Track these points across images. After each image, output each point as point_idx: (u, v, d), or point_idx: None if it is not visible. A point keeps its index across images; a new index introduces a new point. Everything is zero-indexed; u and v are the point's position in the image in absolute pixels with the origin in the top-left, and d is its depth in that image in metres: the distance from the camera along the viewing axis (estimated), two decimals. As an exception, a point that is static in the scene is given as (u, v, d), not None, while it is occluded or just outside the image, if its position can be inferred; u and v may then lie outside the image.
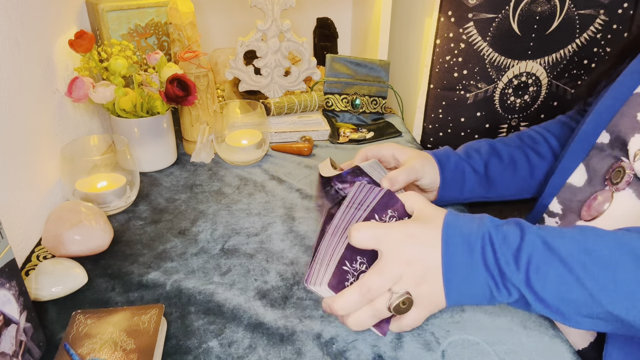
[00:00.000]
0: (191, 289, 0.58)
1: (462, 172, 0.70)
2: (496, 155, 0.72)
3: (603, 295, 0.41)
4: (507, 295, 0.45)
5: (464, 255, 0.46)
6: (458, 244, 0.46)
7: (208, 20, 1.27)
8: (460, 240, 0.46)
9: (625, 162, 0.56)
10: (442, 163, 0.70)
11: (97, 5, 0.89)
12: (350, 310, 0.47)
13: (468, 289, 0.46)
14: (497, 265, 0.44)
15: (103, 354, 0.45)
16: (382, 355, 0.50)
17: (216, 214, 0.74)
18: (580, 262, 0.42)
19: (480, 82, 0.94)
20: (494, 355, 0.50)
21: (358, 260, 0.50)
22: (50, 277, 0.57)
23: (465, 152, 0.73)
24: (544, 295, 0.43)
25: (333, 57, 1.04)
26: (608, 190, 0.57)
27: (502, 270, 0.44)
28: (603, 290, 0.41)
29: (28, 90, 0.68)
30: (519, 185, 0.73)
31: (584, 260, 0.42)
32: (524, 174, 0.73)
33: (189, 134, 0.90)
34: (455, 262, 0.46)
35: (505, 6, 0.87)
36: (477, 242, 0.46)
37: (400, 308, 0.46)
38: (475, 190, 0.72)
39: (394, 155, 0.69)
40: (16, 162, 0.64)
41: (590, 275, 0.42)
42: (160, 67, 0.84)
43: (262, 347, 0.51)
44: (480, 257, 0.45)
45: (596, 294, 0.41)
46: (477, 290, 0.46)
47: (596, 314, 0.42)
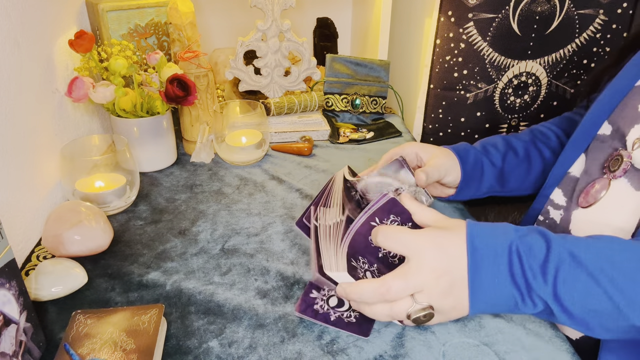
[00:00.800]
0: (191, 289, 0.58)
1: (481, 167, 0.71)
2: (512, 150, 0.73)
3: (630, 310, 0.41)
4: (532, 306, 0.45)
5: (491, 266, 0.46)
6: (484, 255, 0.46)
7: (208, 20, 1.27)
8: (487, 252, 0.46)
9: (624, 152, 0.57)
10: (463, 158, 0.70)
11: (97, 5, 0.89)
12: (364, 299, 0.48)
13: (493, 299, 0.46)
14: (524, 277, 0.44)
15: (103, 354, 0.45)
16: (382, 355, 0.50)
17: (216, 214, 0.74)
18: (608, 275, 0.42)
19: (480, 82, 0.94)
20: (494, 356, 0.50)
21: (360, 260, 0.51)
22: (50, 277, 0.57)
23: (483, 147, 0.73)
24: (571, 308, 0.43)
25: (333, 57, 1.04)
26: (606, 178, 0.58)
27: (528, 282, 0.44)
28: (631, 304, 0.41)
29: (28, 90, 0.68)
30: (532, 180, 0.74)
31: (611, 274, 0.42)
32: (537, 169, 0.73)
33: (189, 134, 0.90)
34: (481, 274, 0.46)
35: (505, 6, 0.87)
36: (503, 254, 0.45)
37: (420, 320, 0.47)
38: (492, 185, 0.72)
39: (417, 154, 0.70)
40: (16, 162, 0.64)
41: (618, 289, 0.42)
42: (160, 67, 0.83)
43: (262, 347, 0.51)
44: (507, 269, 0.45)
45: (623, 308, 0.41)
46: (502, 300, 0.46)
47: (622, 328, 0.43)
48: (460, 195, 0.72)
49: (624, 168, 0.56)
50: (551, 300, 0.44)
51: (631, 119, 0.57)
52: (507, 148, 0.73)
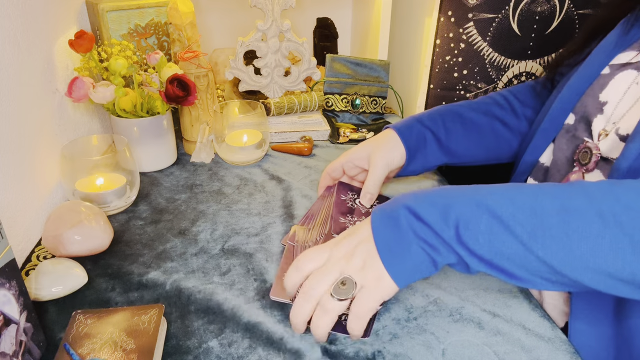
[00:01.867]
0: (191, 288, 0.58)
1: (424, 140, 0.71)
2: (459, 120, 0.73)
3: (533, 242, 0.41)
4: (447, 254, 0.45)
5: (393, 231, 0.46)
6: (384, 224, 0.47)
7: (208, 20, 1.27)
8: (386, 220, 0.47)
9: (591, 143, 0.57)
10: (405, 135, 0.70)
11: (97, 5, 0.89)
12: (304, 317, 0.48)
13: (409, 262, 0.45)
14: (427, 227, 0.44)
15: (103, 354, 0.45)
16: (381, 354, 0.50)
17: (216, 214, 0.74)
18: (508, 212, 0.42)
19: (480, 82, 0.94)
20: (494, 355, 0.50)
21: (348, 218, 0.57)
22: (50, 277, 0.57)
23: (430, 118, 0.73)
24: (479, 252, 0.43)
25: (333, 57, 1.04)
26: (579, 171, 0.58)
27: (433, 230, 0.44)
28: (532, 236, 0.41)
29: (28, 90, 0.68)
30: (483, 150, 0.74)
31: (511, 210, 0.42)
32: (488, 140, 0.73)
33: (189, 134, 0.90)
34: (386, 241, 0.46)
35: (505, 6, 0.87)
36: (400, 216, 0.46)
37: (340, 289, 0.46)
38: (438, 156, 0.72)
39: (356, 165, 0.71)
40: (16, 162, 0.64)
41: (519, 223, 0.41)
42: (160, 67, 0.84)
43: (262, 347, 0.51)
44: (407, 227, 0.45)
45: (526, 241, 0.41)
46: (417, 259, 0.45)
47: (533, 266, 0.42)
48: (408, 169, 0.71)
49: (595, 161, 0.56)
50: (456, 245, 0.43)
51: (594, 108, 0.58)
52: (454, 118, 0.73)
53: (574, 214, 0.40)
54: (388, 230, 0.46)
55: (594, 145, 0.56)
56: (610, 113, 0.56)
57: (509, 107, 0.75)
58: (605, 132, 0.56)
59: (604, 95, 0.57)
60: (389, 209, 0.47)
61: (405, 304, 0.57)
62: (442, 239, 0.44)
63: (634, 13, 0.58)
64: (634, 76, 0.55)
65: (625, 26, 0.59)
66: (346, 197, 0.68)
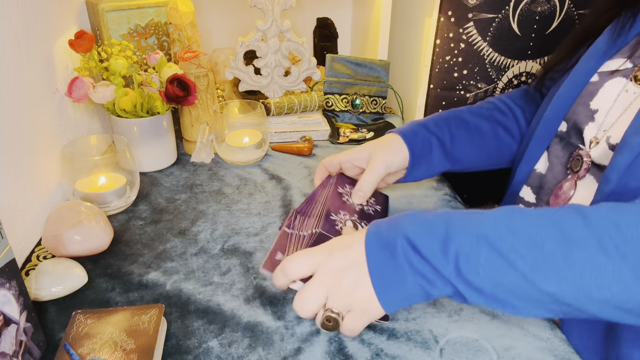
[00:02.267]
0: (191, 288, 0.58)
1: (429, 146, 0.69)
2: (464, 126, 0.72)
3: (535, 274, 0.40)
4: (444, 288, 0.44)
5: (388, 261, 0.45)
6: (380, 252, 0.45)
7: (208, 20, 1.27)
8: (382, 248, 0.45)
9: (582, 150, 0.57)
10: (410, 141, 0.68)
11: (97, 5, 0.89)
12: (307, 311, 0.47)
13: (402, 292, 0.44)
14: (425, 262, 0.43)
15: (103, 354, 0.45)
16: (380, 354, 0.50)
17: (216, 214, 0.74)
18: (508, 244, 0.41)
19: (480, 82, 0.94)
20: (493, 352, 0.50)
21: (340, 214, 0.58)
22: (50, 277, 0.57)
23: (435, 123, 0.72)
24: (479, 284, 0.42)
25: (333, 57, 1.04)
26: (572, 179, 0.58)
27: (431, 265, 0.43)
28: (534, 269, 0.40)
29: (28, 90, 0.68)
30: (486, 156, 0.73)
31: (511, 242, 0.41)
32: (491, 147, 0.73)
33: (189, 134, 0.90)
34: (380, 270, 0.45)
35: (505, 6, 0.87)
36: (396, 246, 0.44)
37: (326, 325, 0.46)
38: (442, 163, 0.71)
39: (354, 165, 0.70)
40: (16, 162, 0.64)
41: (519, 255, 0.40)
42: (160, 67, 0.84)
43: (262, 347, 0.51)
44: (404, 259, 0.44)
45: (528, 274, 0.40)
46: (411, 291, 0.44)
47: (534, 297, 0.41)
48: (411, 175, 0.70)
49: (586, 168, 0.56)
50: (455, 279, 0.42)
51: (585, 116, 0.58)
52: (458, 124, 0.72)
53: (576, 245, 0.39)
54: (383, 259, 0.45)
55: (585, 153, 0.57)
56: (601, 121, 0.56)
57: (510, 113, 0.74)
58: (597, 140, 0.56)
59: (594, 103, 0.57)
60: (386, 235, 0.46)
61: (404, 304, 0.57)
62: (441, 273, 0.43)
63: (619, 20, 0.58)
64: (623, 84, 0.55)
65: (612, 34, 0.59)
66: (343, 190, 0.67)
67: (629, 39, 0.58)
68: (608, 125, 0.55)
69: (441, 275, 0.43)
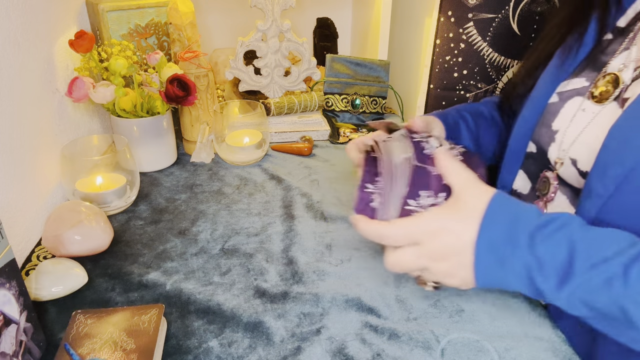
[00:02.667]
0: (191, 289, 0.58)
1: (458, 129, 0.71)
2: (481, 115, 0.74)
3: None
4: (542, 298, 0.45)
5: (499, 272, 0.45)
6: (493, 266, 0.45)
7: (208, 20, 1.27)
8: (497, 264, 0.45)
9: (549, 173, 0.58)
10: (442, 116, 0.70)
11: (97, 5, 0.89)
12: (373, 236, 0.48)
13: (500, 284, 0.46)
14: (536, 292, 0.44)
15: (103, 354, 0.45)
16: (380, 354, 0.50)
17: (216, 214, 0.74)
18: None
19: (480, 82, 0.94)
20: (494, 352, 0.50)
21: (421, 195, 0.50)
22: (50, 277, 0.57)
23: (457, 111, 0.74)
24: (579, 313, 0.43)
25: (333, 57, 1.04)
26: (540, 201, 0.59)
27: (541, 293, 0.44)
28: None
29: (28, 90, 0.68)
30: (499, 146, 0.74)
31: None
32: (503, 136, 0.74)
33: (189, 134, 0.90)
34: (489, 280, 0.46)
35: (505, 6, 0.87)
36: (515, 265, 0.45)
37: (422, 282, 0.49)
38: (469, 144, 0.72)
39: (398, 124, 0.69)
40: (16, 162, 0.64)
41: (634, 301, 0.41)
42: (160, 67, 0.84)
43: (262, 347, 0.51)
44: (521, 275, 0.44)
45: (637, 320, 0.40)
46: (510, 286, 0.46)
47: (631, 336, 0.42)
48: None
49: (554, 190, 0.57)
50: (564, 303, 0.43)
51: (548, 137, 0.59)
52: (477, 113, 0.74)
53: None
54: (494, 271, 0.46)
55: (552, 175, 0.57)
56: (561, 140, 0.57)
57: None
58: (561, 161, 0.56)
59: (555, 124, 0.58)
60: (502, 252, 0.45)
61: (405, 304, 0.57)
62: (551, 297, 0.44)
63: (567, 43, 0.60)
64: (579, 102, 0.56)
65: (562, 55, 0.60)
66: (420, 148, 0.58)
67: (579, 60, 0.59)
68: (567, 145, 0.56)
69: (549, 296, 0.44)
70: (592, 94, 0.55)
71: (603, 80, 0.54)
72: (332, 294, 0.58)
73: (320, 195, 0.79)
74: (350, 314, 0.55)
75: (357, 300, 0.57)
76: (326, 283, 0.60)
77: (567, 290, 0.42)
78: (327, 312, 0.55)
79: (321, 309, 0.56)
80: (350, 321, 0.54)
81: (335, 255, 0.65)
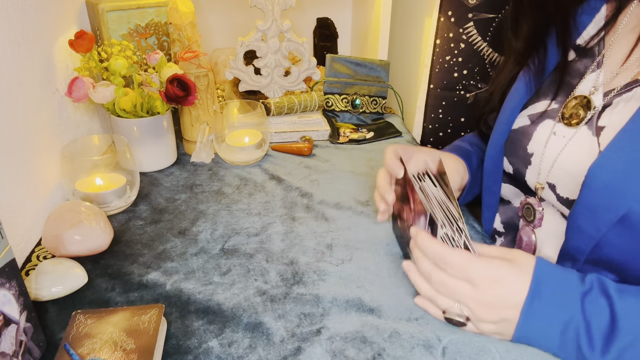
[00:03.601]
0: (191, 289, 0.58)
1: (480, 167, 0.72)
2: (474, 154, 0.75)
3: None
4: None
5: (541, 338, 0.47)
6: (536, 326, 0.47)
7: (208, 20, 1.27)
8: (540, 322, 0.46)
9: (532, 199, 0.58)
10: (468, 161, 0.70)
11: (97, 5, 0.89)
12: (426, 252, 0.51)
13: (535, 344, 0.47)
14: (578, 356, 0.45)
15: (103, 354, 0.45)
16: (381, 354, 0.50)
17: (216, 214, 0.74)
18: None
19: (480, 82, 0.94)
20: (495, 352, 0.50)
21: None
22: (50, 277, 0.57)
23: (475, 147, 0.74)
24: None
25: (333, 57, 1.04)
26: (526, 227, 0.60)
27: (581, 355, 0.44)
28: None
29: (28, 90, 0.68)
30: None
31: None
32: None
33: (189, 134, 0.90)
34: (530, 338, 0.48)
35: (505, 6, 0.87)
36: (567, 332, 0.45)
37: (453, 320, 0.50)
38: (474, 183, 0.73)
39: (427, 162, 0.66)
40: (16, 162, 0.64)
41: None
42: (160, 67, 0.84)
43: (262, 347, 0.51)
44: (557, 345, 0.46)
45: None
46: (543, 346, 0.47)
47: None
48: (467, 197, 0.72)
49: (540, 218, 0.58)
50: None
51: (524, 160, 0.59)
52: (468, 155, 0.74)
53: None
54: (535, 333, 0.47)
55: (535, 202, 0.58)
56: (538, 165, 0.57)
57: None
58: (541, 186, 0.57)
59: (530, 147, 0.58)
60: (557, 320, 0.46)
61: (406, 303, 0.56)
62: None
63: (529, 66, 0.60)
64: (551, 125, 0.56)
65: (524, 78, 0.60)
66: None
67: (542, 80, 0.59)
68: (545, 172, 0.56)
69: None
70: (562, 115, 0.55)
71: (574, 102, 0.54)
72: (332, 294, 0.58)
73: (321, 195, 0.79)
74: (351, 314, 0.55)
75: (357, 300, 0.57)
76: (327, 283, 0.60)
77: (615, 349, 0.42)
78: (328, 312, 0.55)
79: (321, 309, 0.56)
80: (350, 321, 0.54)
81: (335, 255, 0.65)
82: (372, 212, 0.74)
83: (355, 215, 0.74)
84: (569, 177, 0.53)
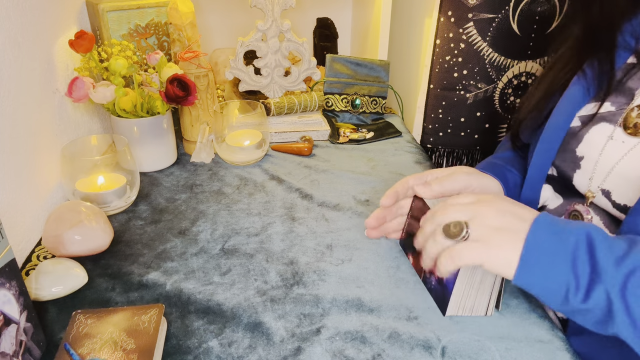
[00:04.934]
0: (191, 289, 0.58)
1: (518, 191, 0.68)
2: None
3: None
4: (584, 299, 0.41)
5: (553, 242, 0.43)
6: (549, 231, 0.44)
7: (208, 20, 1.27)
8: (553, 228, 0.44)
9: (580, 207, 0.56)
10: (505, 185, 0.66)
11: (97, 5, 0.89)
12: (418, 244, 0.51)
13: (543, 276, 0.43)
14: (589, 264, 0.41)
15: (103, 354, 0.45)
16: (381, 354, 0.50)
17: (216, 214, 0.74)
18: None
19: (480, 82, 0.94)
20: (495, 351, 0.50)
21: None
22: (51, 277, 0.57)
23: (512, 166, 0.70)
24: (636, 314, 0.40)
25: (333, 57, 1.04)
26: None
27: (595, 269, 0.41)
28: None
29: (28, 90, 0.68)
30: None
31: None
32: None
33: (189, 134, 0.90)
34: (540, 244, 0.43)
35: (505, 6, 0.87)
36: (572, 234, 0.43)
37: (450, 231, 0.46)
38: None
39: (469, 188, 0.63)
40: (16, 162, 0.64)
41: None
42: (160, 67, 0.84)
43: (262, 347, 0.51)
44: (572, 248, 0.43)
45: None
46: (552, 282, 0.43)
47: None
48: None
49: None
50: (616, 295, 0.40)
51: (572, 163, 0.56)
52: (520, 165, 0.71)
53: None
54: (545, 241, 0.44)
55: (584, 209, 0.55)
56: (591, 170, 0.55)
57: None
58: (592, 194, 0.55)
59: (580, 149, 0.56)
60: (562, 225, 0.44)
61: (406, 303, 0.57)
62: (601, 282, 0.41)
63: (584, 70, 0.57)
64: (609, 130, 0.54)
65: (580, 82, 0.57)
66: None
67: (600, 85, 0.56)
68: (601, 178, 0.54)
69: (600, 284, 0.41)
70: (624, 124, 0.52)
71: (637, 111, 0.52)
72: (332, 294, 0.58)
73: (321, 196, 0.79)
74: (351, 314, 0.55)
75: (357, 300, 0.57)
76: (326, 283, 0.60)
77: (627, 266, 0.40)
78: (328, 312, 0.55)
79: (321, 309, 0.56)
80: (350, 321, 0.54)
81: (335, 255, 0.65)
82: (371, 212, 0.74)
83: (355, 215, 0.74)
84: (628, 183, 0.51)
